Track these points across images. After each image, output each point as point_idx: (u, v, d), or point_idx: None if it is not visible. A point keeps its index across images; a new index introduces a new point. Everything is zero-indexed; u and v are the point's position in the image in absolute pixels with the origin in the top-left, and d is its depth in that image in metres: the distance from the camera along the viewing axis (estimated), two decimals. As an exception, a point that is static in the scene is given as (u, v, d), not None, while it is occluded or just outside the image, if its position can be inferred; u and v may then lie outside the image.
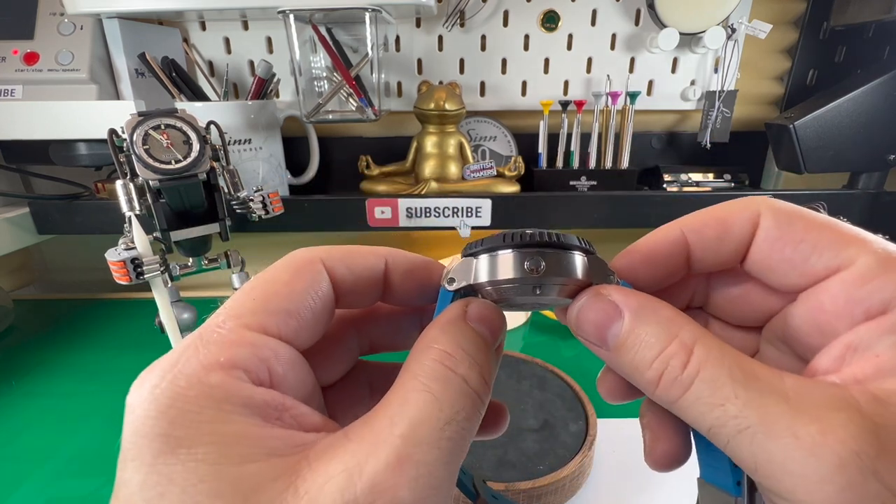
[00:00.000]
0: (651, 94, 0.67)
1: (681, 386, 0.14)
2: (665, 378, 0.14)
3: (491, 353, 0.15)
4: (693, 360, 0.14)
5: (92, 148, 0.57)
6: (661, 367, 0.14)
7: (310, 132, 0.66)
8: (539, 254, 0.15)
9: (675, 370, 0.14)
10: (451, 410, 0.13)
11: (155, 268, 0.42)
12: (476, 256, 0.16)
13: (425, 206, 0.61)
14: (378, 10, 0.54)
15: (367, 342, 0.19)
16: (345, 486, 0.11)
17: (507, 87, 0.68)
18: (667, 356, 0.14)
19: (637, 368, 0.14)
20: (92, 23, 0.57)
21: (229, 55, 0.66)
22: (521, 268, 0.15)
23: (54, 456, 0.43)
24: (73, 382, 0.53)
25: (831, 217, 0.15)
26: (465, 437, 0.13)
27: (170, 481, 0.10)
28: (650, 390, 0.14)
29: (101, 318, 0.68)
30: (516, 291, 0.16)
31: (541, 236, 0.15)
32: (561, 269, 0.15)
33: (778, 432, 0.12)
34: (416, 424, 0.12)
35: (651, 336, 0.14)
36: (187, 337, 0.13)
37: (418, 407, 0.13)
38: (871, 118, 0.57)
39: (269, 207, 0.51)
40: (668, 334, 0.14)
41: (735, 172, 0.67)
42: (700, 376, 0.13)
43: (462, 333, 0.14)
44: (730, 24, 0.60)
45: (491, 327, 0.15)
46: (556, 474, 0.36)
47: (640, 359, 0.14)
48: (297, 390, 0.14)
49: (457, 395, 0.13)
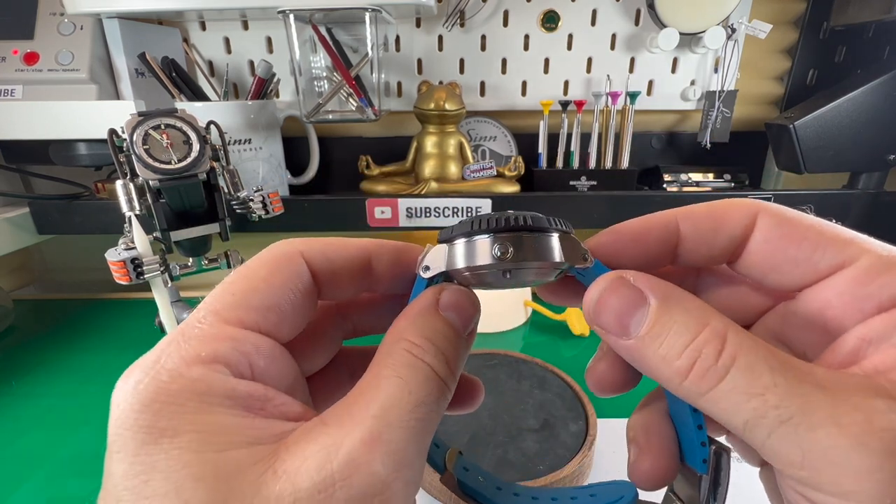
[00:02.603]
0: (651, 94, 0.67)
1: (715, 375, 0.13)
2: (698, 367, 0.13)
3: (460, 339, 0.15)
4: (728, 348, 0.13)
5: (92, 148, 0.57)
6: (693, 356, 0.13)
7: (310, 132, 0.66)
8: (508, 238, 0.15)
9: (708, 358, 0.13)
10: (419, 394, 0.13)
11: (155, 268, 0.42)
12: (448, 242, 0.16)
13: (425, 206, 0.61)
14: (378, 10, 0.54)
15: (350, 326, 0.20)
16: (322, 463, 0.11)
17: (507, 87, 0.68)
18: (699, 344, 0.13)
19: (665, 358, 0.14)
20: (92, 23, 0.57)
21: (229, 55, 0.66)
22: (491, 253, 0.15)
23: (54, 456, 0.43)
24: (73, 382, 0.53)
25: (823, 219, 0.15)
26: (433, 418, 0.14)
27: (153, 468, 0.11)
28: (676, 382, 0.14)
29: (101, 318, 0.68)
30: (488, 276, 0.16)
31: (507, 220, 0.15)
32: (531, 251, 0.15)
33: (820, 422, 0.12)
34: (387, 407, 0.13)
35: (681, 324, 0.14)
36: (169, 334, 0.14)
37: (389, 391, 0.13)
38: (871, 118, 0.57)
39: (269, 207, 0.51)
40: (699, 322, 0.13)
41: (735, 172, 0.67)
42: (736, 364, 0.13)
43: (430, 324, 0.15)
44: (730, 24, 0.60)
45: (462, 314, 0.15)
46: (556, 474, 0.36)
47: (669, 347, 0.14)
48: (279, 382, 0.14)
49: (424, 381, 0.14)
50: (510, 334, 0.62)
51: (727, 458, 0.15)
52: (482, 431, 0.40)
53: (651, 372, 0.14)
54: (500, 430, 0.40)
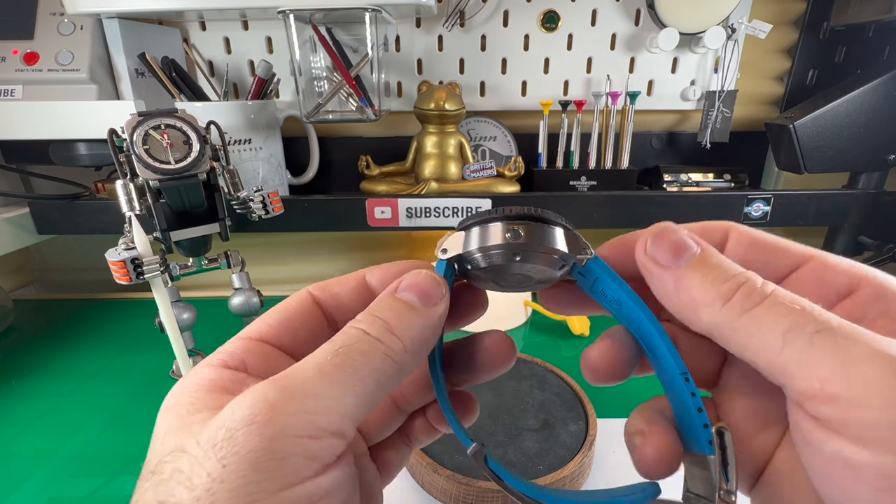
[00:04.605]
0: (651, 94, 0.67)
1: (760, 294, 0.15)
2: (745, 288, 0.15)
3: (414, 312, 0.17)
4: (769, 283, 0.15)
5: (92, 148, 0.57)
6: (739, 280, 0.15)
7: (310, 132, 0.66)
8: (520, 225, 0.17)
9: (754, 283, 0.15)
10: (341, 343, 0.16)
11: (155, 268, 0.41)
12: (467, 229, 0.18)
13: (425, 206, 0.61)
14: (378, 10, 0.54)
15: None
16: (240, 401, 0.14)
17: (507, 87, 0.68)
18: (743, 275, 0.15)
19: (715, 280, 0.15)
20: (92, 23, 0.57)
21: (229, 55, 0.66)
22: (504, 236, 0.17)
23: (54, 456, 0.43)
24: (73, 382, 0.53)
25: None
26: (358, 366, 0.15)
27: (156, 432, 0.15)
28: (718, 305, 0.15)
29: (101, 318, 0.68)
30: (500, 258, 0.17)
31: (520, 210, 0.17)
32: (539, 238, 0.17)
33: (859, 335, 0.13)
34: (308, 358, 0.15)
35: (724, 261, 0.16)
36: None
37: (318, 349, 0.16)
38: (871, 118, 0.57)
39: (269, 207, 0.51)
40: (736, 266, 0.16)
41: (735, 172, 0.67)
42: (776, 290, 0.15)
43: (377, 304, 0.17)
44: (730, 24, 0.60)
45: (420, 292, 0.17)
46: (556, 474, 0.36)
47: (720, 272, 0.16)
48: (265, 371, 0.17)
49: (348, 335, 0.16)
50: (510, 334, 0.62)
51: (729, 435, 0.16)
52: (482, 431, 0.40)
53: (691, 298, 0.16)
54: (500, 430, 0.40)
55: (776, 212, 0.61)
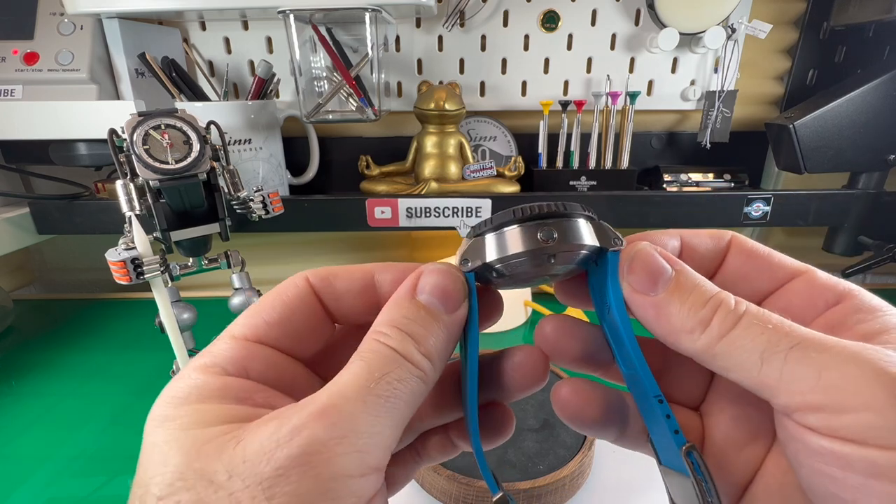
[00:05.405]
0: (651, 94, 0.67)
1: (734, 317, 0.15)
2: (721, 310, 0.15)
3: (436, 320, 0.16)
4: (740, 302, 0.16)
5: (92, 148, 0.56)
6: (715, 304, 0.16)
7: (310, 132, 0.66)
8: (551, 225, 0.16)
9: (728, 306, 0.16)
10: (379, 372, 0.15)
11: (155, 268, 0.41)
12: (486, 235, 0.17)
13: (425, 206, 0.61)
14: (378, 10, 0.54)
15: None
16: (272, 432, 0.13)
17: (507, 87, 0.68)
18: (718, 298, 0.16)
19: (693, 307, 0.16)
20: (92, 23, 0.57)
21: (229, 55, 0.66)
22: (535, 239, 0.16)
23: (54, 456, 0.43)
24: (73, 382, 0.53)
25: None
26: (399, 395, 0.15)
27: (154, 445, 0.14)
28: (698, 332, 0.15)
29: (101, 318, 0.68)
30: (531, 263, 0.16)
31: (548, 207, 0.16)
32: (573, 235, 0.16)
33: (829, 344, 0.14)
34: (344, 384, 0.14)
35: (700, 285, 0.16)
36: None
37: (352, 371, 0.15)
38: (871, 118, 0.57)
39: (269, 207, 0.50)
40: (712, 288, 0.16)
41: (735, 172, 0.67)
42: (748, 309, 0.15)
43: (400, 311, 0.16)
44: (730, 24, 0.60)
45: (443, 296, 0.16)
46: (556, 474, 0.36)
47: (696, 295, 0.16)
48: (273, 380, 0.16)
49: (385, 361, 0.15)
50: (510, 334, 0.62)
51: (697, 452, 0.16)
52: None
53: (672, 327, 0.16)
54: (500, 430, 0.40)
55: (776, 212, 0.61)
